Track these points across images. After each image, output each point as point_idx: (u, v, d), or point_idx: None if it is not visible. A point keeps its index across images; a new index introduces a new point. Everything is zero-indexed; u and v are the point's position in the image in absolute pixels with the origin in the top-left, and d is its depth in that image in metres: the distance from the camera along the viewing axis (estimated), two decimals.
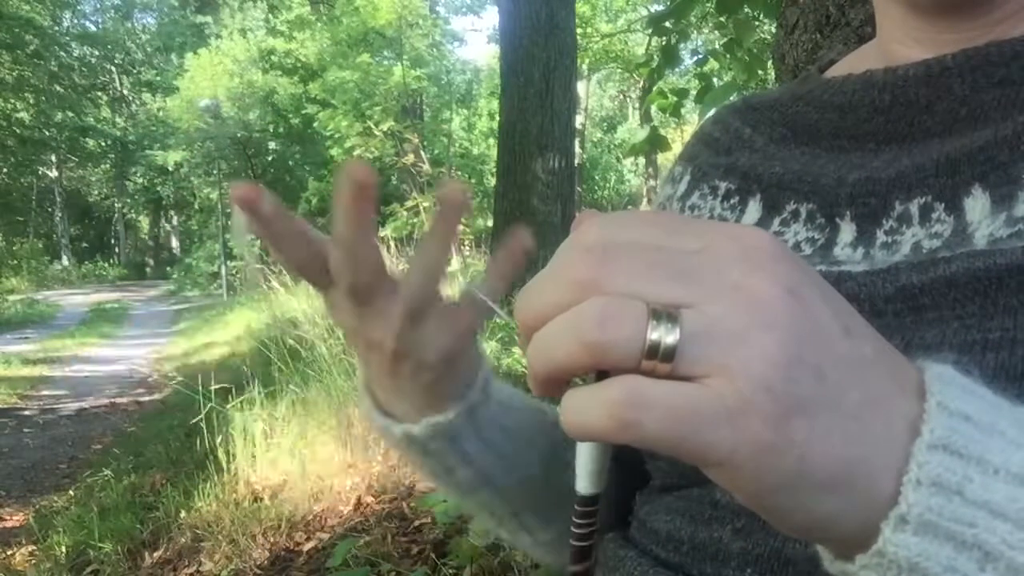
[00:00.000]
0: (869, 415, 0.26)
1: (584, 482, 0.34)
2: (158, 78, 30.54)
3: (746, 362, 0.25)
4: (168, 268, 30.11)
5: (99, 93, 31.45)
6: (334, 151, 18.75)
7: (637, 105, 23.46)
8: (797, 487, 0.26)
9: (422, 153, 11.63)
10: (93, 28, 33.25)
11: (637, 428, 0.25)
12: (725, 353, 0.25)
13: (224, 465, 3.54)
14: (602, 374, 0.27)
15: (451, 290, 0.49)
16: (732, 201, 0.55)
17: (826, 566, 0.30)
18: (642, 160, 20.88)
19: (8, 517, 4.17)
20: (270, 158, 23.59)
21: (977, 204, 0.43)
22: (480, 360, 0.51)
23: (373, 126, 15.98)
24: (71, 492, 4.34)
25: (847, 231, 0.48)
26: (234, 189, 0.39)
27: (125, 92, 33.20)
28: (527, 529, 0.58)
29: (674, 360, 0.25)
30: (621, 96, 29.50)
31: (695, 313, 0.25)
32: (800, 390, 0.25)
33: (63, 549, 3.32)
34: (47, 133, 26.87)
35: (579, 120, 14.49)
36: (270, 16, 24.89)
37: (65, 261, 31.04)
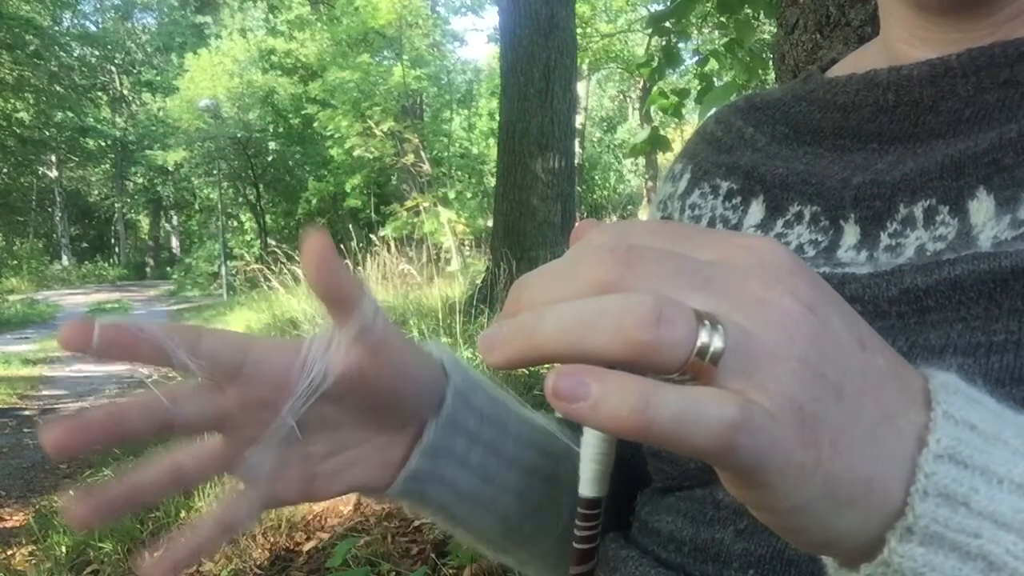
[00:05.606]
0: (883, 429, 0.26)
1: (589, 485, 0.34)
2: (158, 78, 30.52)
3: (779, 380, 0.24)
4: (168, 268, 30.12)
5: (99, 93, 31.42)
6: (334, 151, 18.75)
7: (637, 105, 23.46)
8: (820, 506, 0.26)
9: (422, 153, 11.63)
10: (93, 28, 33.24)
11: (734, 453, 0.24)
12: (761, 369, 0.24)
13: None
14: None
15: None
16: (734, 201, 0.55)
17: (830, 574, 0.30)
18: (642, 160, 20.87)
19: (8, 517, 4.17)
20: (270, 158, 23.58)
21: (982, 207, 0.43)
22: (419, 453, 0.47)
23: (373, 126, 15.99)
24: (71, 492, 4.34)
25: (851, 233, 0.48)
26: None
27: (125, 92, 33.18)
28: (483, 550, 0.58)
29: (718, 366, 0.24)
30: (621, 96, 29.48)
31: (730, 323, 0.24)
32: (823, 408, 0.25)
33: (63, 549, 3.32)
34: (47, 133, 26.83)
35: (579, 120, 14.49)
36: (270, 16, 24.88)
37: (65, 261, 31.03)
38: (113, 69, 32.36)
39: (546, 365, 0.26)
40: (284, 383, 0.40)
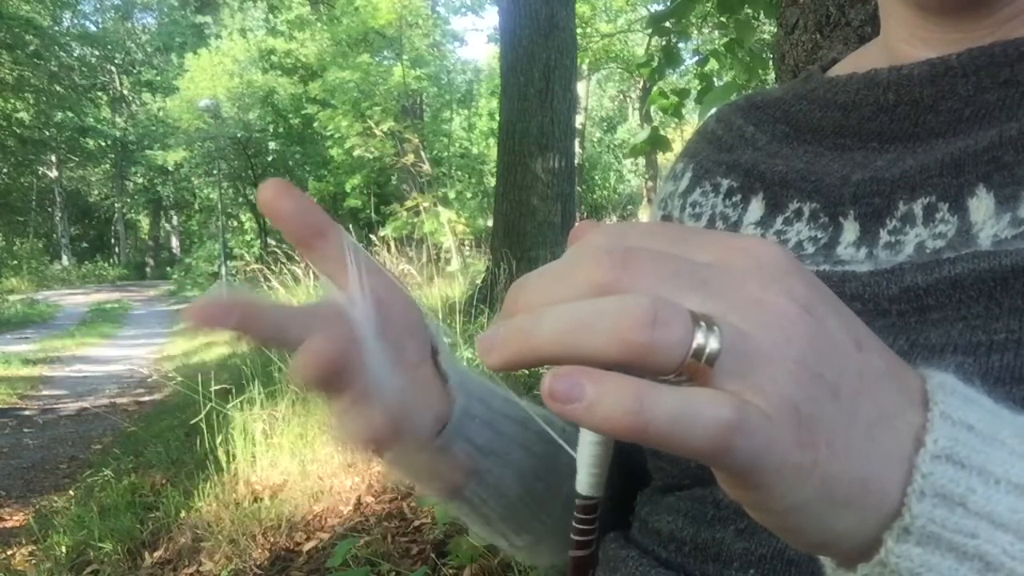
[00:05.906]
0: (880, 430, 0.26)
1: (586, 485, 0.33)
2: (158, 78, 30.54)
3: (775, 381, 0.24)
4: (168, 268, 30.11)
5: (99, 93, 31.42)
6: (334, 151, 18.76)
7: (637, 105, 23.46)
8: (817, 506, 0.26)
9: (422, 153, 11.62)
10: (93, 28, 33.23)
11: (730, 454, 0.24)
12: (758, 370, 0.24)
13: (224, 465, 3.54)
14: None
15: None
16: (734, 199, 0.55)
17: (828, 574, 0.30)
18: (642, 160, 20.87)
19: (8, 517, 4.17)
20: (270, 158, 23.59)
21: (981, 204, 0.43)
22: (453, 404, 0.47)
23: (373, 126, 15.99)
24: (71, 492, 4.34)
25: (850, 230, 0.48)
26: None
27: (125, 92, 33.18)
28: (501, 534, 0.57)
29: (714, 367, 0.24)
30: (621, 96, 29.48)
31: (727, 324, 0.24)
32: (820, 409, 0.25)
33: (63, 549, 3.32)
34: (47, 133, 26.84)
35: (579, 120, 14.48)
36: (270, 16, 24.89)
37: (65, 261, 31.02)
38: (113, 69, 32.36)
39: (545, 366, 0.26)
40: (342, 316, 0.40)
